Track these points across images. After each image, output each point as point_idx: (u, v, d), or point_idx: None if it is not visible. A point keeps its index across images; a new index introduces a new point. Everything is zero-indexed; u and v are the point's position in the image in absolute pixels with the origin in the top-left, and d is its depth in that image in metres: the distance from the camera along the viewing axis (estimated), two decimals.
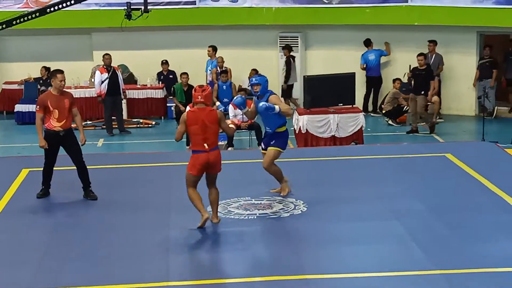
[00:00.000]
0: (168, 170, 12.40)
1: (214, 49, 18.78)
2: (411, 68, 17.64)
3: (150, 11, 16.09)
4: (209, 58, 18.81)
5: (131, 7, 16.04)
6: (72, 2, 15.79)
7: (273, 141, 10.63)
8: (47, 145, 10.58)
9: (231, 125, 9.95)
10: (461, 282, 7.92)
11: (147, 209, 10.45)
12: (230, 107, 15.75)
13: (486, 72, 18.19)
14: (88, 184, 10.86)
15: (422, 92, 16.81)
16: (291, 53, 18.84)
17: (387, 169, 12.17)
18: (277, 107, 10.37)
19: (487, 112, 17.73)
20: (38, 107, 10.63)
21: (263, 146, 10.87)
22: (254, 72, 19.33)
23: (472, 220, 9.72)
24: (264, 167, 10.70)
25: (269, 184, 11.15)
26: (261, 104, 10.38)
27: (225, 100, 17.13)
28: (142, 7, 15.97)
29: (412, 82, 17.21)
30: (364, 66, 18.79)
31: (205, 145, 9.38)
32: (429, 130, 16.75)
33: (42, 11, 15.79)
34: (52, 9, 15.71)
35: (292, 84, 18.82)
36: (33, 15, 15.73)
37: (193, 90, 9.78)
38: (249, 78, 19.42)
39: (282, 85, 18.22)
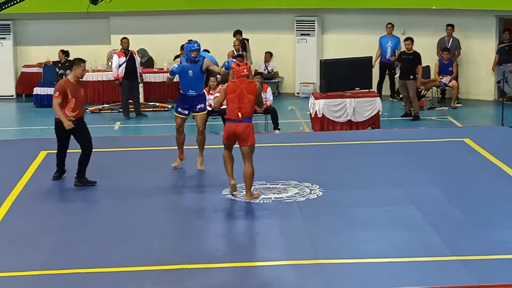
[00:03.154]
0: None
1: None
2: (398, 53, 17.49)
3: None
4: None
5: None
6: None
7: (202, 105, 11.37)
8: (72, 124, 10.42)
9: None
10: (478, 269, 7.85)
11: (162, 192, 10.45)
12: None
13: (506, 56, 17.99)
14: (83, 173, 10.67)
15: (411, 77, 16.68)
16: (243, 37, 18.70)
17: (404, 154, 12.09)
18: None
19: (507, 96, 17.56)
20: (58, 93, 10.44)
21: (184, 112, 11.30)
22: (269, 55, 19.27)
23: (491, 207, 9.63)
24: (202, 130, 11.29)
25: (284, 168, 11.17)
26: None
27: None
28: None
29: (399, 66, 17.10)
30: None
31: (239, 113, 9.85)
32: (413, 118, 16.56)
33: None
34: None
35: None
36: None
37: (233, 66, 10.23)
38: (264, 61, 19.45)
39: None
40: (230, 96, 9.95)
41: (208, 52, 13.94)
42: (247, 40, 18.87)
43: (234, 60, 11.28)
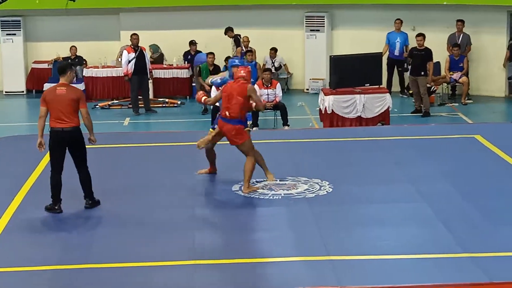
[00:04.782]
0: (193, 149, 12.34)
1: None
2: (409, 49, 17.42)
3: None
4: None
5: None
6: None
7: None
8: None
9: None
10: (489, 266, 7.81)
11: (173, 188, 10.45)
12: (256, 87, 15.71)
13: None
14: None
15: (422, 73, 16.61)
16: (235, 33, 18.68)
17: (414, 150, 12.04)
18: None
19: None
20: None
21: (214, 126, 10.94)
22: (273, 51, 19.21)
23: (502, 203, 9.58)
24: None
25: (293, 165, 11.09)
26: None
27: (251, 80, 17.04)
28: None
29: (410, 62, 17.05)
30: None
31: (226, 113, 10.10)
32: (423, 115, 16.50)
33: None
34: None
35: None
36: None
37: (235, 68, 10.40)
38: (270, 57, 19.38)
39: None
40: (223, 95, 10.31)
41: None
42: (239, 35, 18.82)
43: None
